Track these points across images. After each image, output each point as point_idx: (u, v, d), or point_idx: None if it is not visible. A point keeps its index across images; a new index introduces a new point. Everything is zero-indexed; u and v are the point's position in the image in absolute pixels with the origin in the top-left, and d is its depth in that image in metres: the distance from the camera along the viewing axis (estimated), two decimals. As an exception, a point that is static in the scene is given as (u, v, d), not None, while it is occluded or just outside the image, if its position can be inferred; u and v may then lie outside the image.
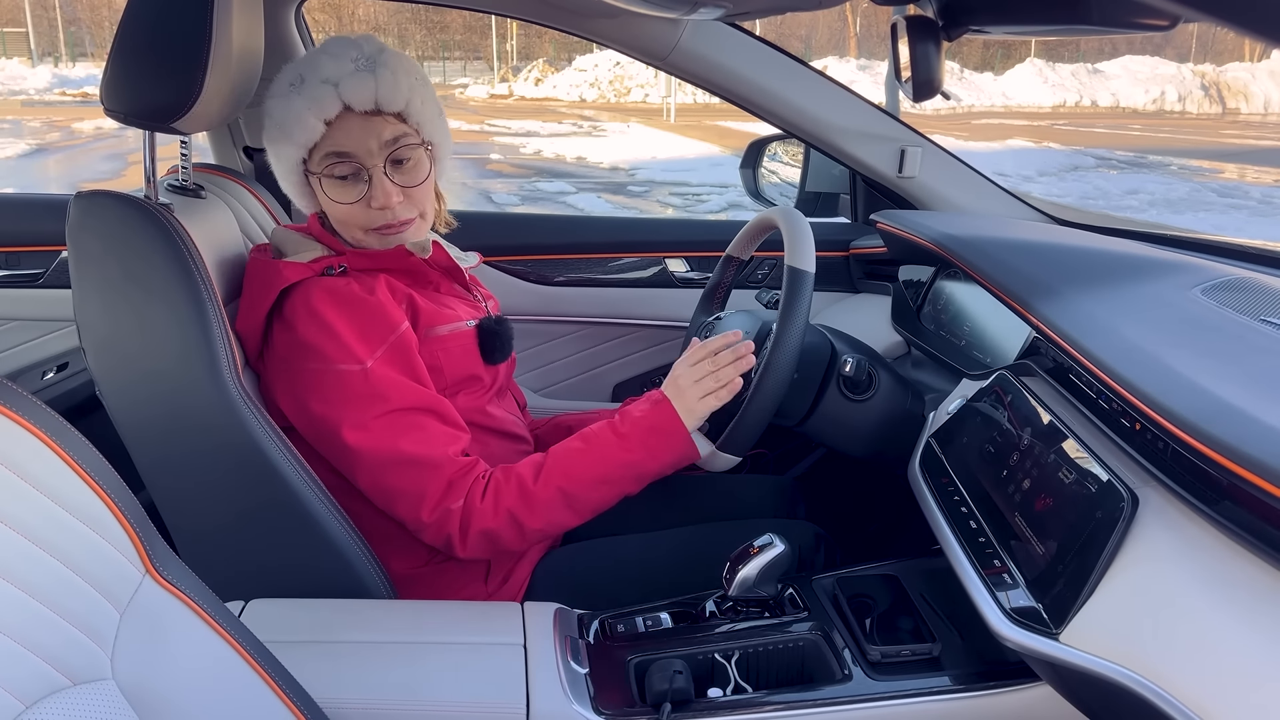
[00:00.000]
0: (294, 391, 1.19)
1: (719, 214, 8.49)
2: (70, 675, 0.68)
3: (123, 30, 1.08)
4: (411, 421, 1.17)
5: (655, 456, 1.22)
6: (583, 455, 1.21)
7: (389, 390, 1.16)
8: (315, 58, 1.20)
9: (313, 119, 1.18)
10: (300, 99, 1.18)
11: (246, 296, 1.22)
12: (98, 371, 1.12)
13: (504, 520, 1.18)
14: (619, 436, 1.22)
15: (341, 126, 1.19)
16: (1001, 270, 1.29)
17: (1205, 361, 0.95)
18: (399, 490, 1.17)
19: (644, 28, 1.64)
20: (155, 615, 0.75)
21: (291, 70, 1.21)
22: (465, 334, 1.29)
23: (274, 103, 1.21)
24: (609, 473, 1.21)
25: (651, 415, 1.23)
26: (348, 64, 1.18)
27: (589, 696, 1.02)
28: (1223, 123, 19.72)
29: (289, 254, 1.26)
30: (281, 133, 1.20)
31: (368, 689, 0.98)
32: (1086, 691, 0.90)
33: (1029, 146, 13.43)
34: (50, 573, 0.67)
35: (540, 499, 1.18)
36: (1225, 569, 0.79)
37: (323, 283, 1.20)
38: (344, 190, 1.22)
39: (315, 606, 1.12)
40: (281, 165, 1.24)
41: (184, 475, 1.14)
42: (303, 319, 1.17)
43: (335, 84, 1.18)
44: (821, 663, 1.08)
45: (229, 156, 1.85)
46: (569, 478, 1.20)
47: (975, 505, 1.10)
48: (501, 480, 1.19)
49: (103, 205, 1.10)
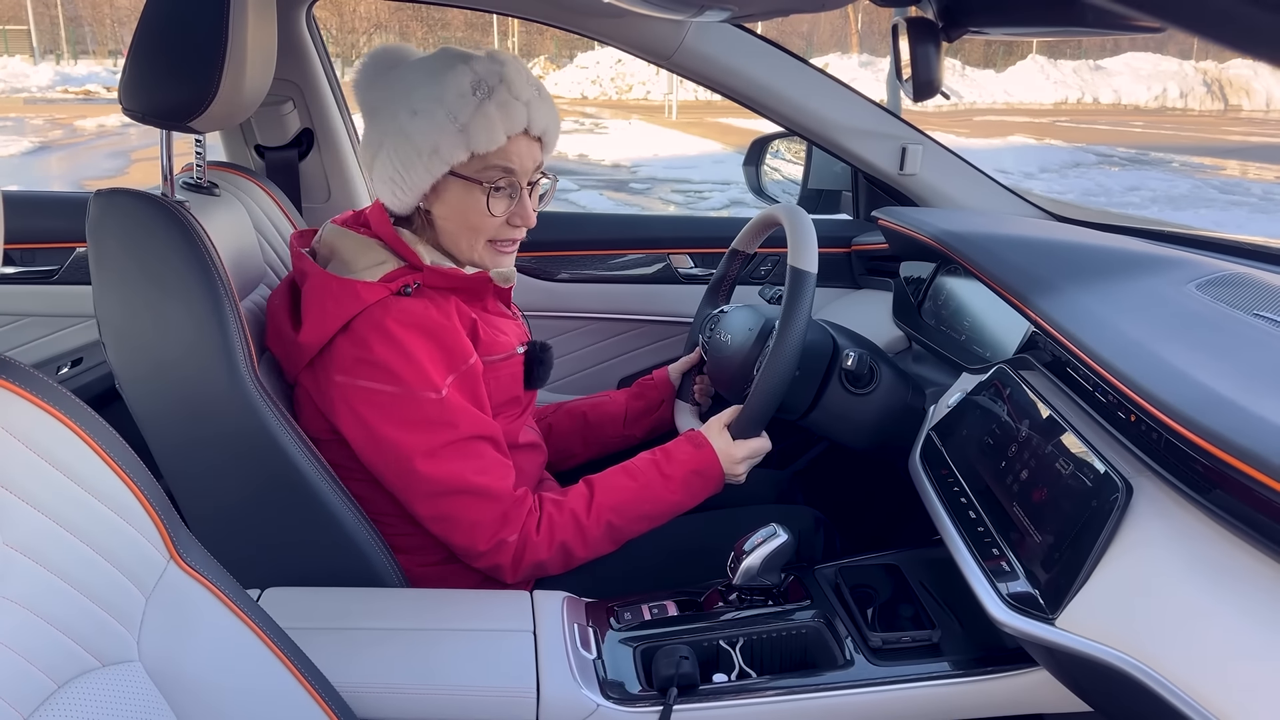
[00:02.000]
0: (356, 409, 1.19)
1: (721, 211, 8.50)
2: (99, 656, 0.70)
3: (141, 31, 1.11)
4: (474, 450, 1.19)
5: (694, 497, 1.30)
6: (631, 493, 1.27)
7: (459, 419, 1.18)
8: (499, 70, 1.20)
9: (501, 131, 1.18)
10: (493, 107, 1.17)
11: (314, 311, 1.21)
12: (116, 364, 1.15)
13: (556, 552, 1.23)
14: (664, 478, 1.28)
15: (515, 144, 1.21)
16: (1000, 266, 1.31)
17: (1199, 355, 0.97)
18: (456, 518, 1.19)
19: (649, 27, 1.67)
20: (180, 599, 0.78)
21: (465, 71, 1.18)
22: (514, 361, 1.31)
23: (456, 100, 1.17)
24: (654, 510, 1.28)
25: (696, 459, 1.29)
26: (530, 87, 1.21)
27: (597, 681, 1.04)
28: (1225, 119, 19.68)
29: (352, 262, 1.23)
30: (459, 131, 1.17)
31: (383, 674, 1.01)
32: (1082, 675, 0.92)
33: (1030, 143, 13.42)
34: (79, 556, 0.70)
35: (592, 533, 1.24)
36: (1216, 556, 0.82)
37: (400, 304, 1.19)
38: (499, 202, 1.23)
39: (331, 594, 1.14)
40: (431, 159, 1.19)
41: (200, 464, 1.17)
42: (379, 340, 1.17)
43: (526, 103, 1.20)
44: (824, 649, 1.11)
45: (241, 154, 1.88)
46: (618, 513, 1.26)
47: (975, 496, 1.12)
48: (555, 514, 1.23)
49: (122, 203, 1.13)
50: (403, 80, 1.21)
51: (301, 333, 1.21)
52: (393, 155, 1.20)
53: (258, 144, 1.87)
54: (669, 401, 1.55)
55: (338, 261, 1.24)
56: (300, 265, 1.26)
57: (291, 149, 1.88)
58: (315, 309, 1.21)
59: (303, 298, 1.24)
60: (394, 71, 1.23)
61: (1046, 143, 13.67)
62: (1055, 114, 19.46)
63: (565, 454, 1.55)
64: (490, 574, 1.24)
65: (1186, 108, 21.51)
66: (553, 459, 1.49)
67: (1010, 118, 17.59)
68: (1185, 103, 21.65)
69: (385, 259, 1.23)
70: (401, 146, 1.19)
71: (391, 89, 1.21)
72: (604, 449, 1.55)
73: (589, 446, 1.55)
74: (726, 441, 1.31)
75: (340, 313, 1.18)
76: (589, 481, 1.29)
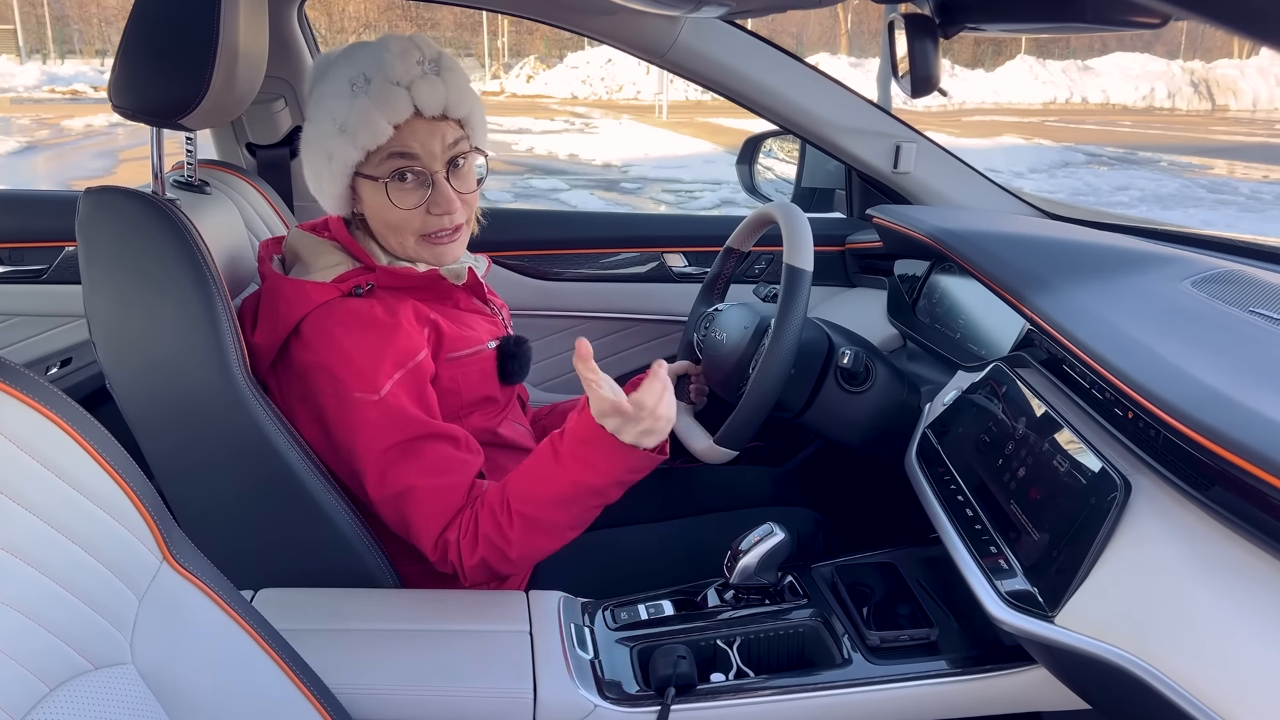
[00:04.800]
0: (309, 410, 1.19)
1: (712, 210, 8.50)
2: (91, 659, 0.69)
3: (131, 28, 1.09)
4: (419, 450, 1.16)
5: (595, 469, 1.10)
6: (531, 478, 1.14)
7: (401, 420, 1.15)
8: (378, 56, 1.15)
9: (383, 121, 1.14)
10: (368, 100, 1.14)
11: (267, 313, 1.20)
12: (107, 363, 1.14)
13: (487, 548, 1.13)
14: (555, 455, 1.12)
15: (409, 129, 1.16)
16: (996, 264, 1.31)
17: (1195, 351, 0.97)
18: (407, 519, 1.16)
19: (642, 25, 1.66)
20: (173, 602, 0.77)
21: (348, 67, 1.16)
22: (485, 356, 1.28)
23: (333, 101, 1.15)
24: (560, 492, 1.12)
25: (577, 427, 1.12)
26: (414, 66, 1.16)
27: (594, 681, 1.04)
28: (1212, 119, 19.79)
29: (311, 264, 1.23)
30: (341, 133, 1.15)
31: (379, 676, 1.00)
32: (1080, 672, 0.92)
33: (1020, 143, 13.48)
34: (71, 558, 0.69)
35: (511, 528, 1.13)
36: (1215, 553, 0.82)
37: (346, 305, 1.17)
38: (406, 194, 1.19)
39: (324, 595, 1.13)
40: (330, 165, 1.18)
41: (192, 464, 1.16)
42: (322, 342, 1.16)
43: (407, 86, 1.15)
44: (821, 648, 1.10)
45: (232, 152, 1.87)
46: (528, 502, 1.12)
47: (971, 494, 1.12)
48: (479, 510, 1.15)
49: (113, 201, 1.12)
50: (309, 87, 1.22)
51: (256, 333, 1.20)
52: (307, 166, 1.22)
53: (249, 142, 1.85)
54: (663, 401, 1.54)
55: (299, 265, 1.24)
56: (262, 270, 1.25)
57: (283, 147, 1.87)
58: (267, 311, 1.20)
59: (260, 300, 1.23)
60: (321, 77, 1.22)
61: (1036, 142, 13.72)
62: (1044, 114, 19.54)
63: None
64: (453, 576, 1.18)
65: (1174, 107, 21.62)
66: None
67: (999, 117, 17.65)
68: (1173, 102, 21.76)
69: (340, 261, 1.23)
70: (310, 157, 1.21)
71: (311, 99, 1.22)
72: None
73: None
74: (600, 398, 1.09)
75: (290, 314, 1.18)
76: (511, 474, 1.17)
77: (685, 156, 11.65)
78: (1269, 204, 9.55)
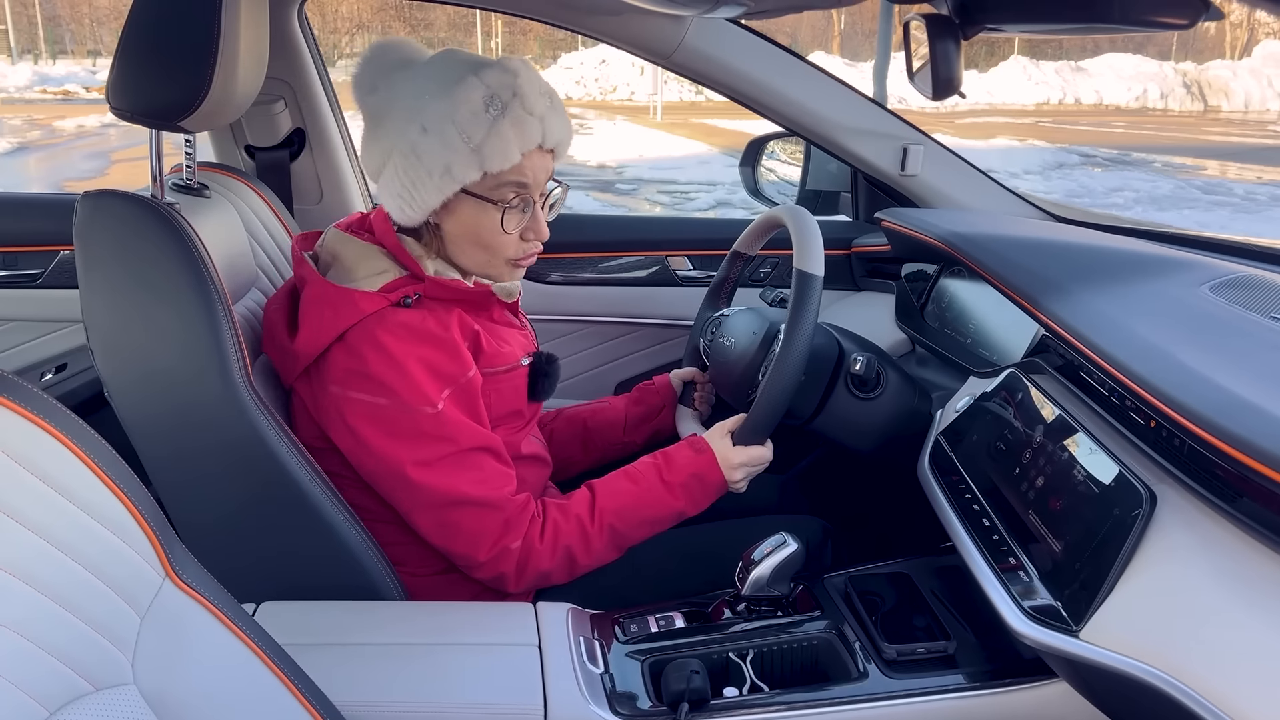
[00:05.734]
0: (349, 421, 1.16)
1: (707, 212, 8.49)
2: (92, 680, 0.67)
3: (129, 29, 1.07)
4: (473, 462, 1.17)
5: (695, 503, 1.27)
6: (632, 497, 1.24)
7: (456, 432, 1.15)
8: (512, 82, 1.14)
9: (516, 149, 1.14)
10: (508, 125, 1.13)
11: (311, 318, 1.17)
12: (105, 371, 1.11)
13: (560, 559, 1.20)
14: (665, 483, 1.25)
15: (529, 160, 1.17)
16: (1009, 268, 1.29)
17: (1219, 358, 0.96)
18: (458, 528, 1.17)
19: (648, 25, 1.64)
20: (175, 619, 0.75)
21: (478, 85, 1.13)
22: (518, 373, 1.27)
23: (468, 119, 1.12)
24: (655, 515, 1.25)
25: (696, 463, 1.27)
26: (543, 99, 1.17)
27: (605, 696, 1.01)
28: (1205, 120, 19.85)
29: (354, 269, 1.20)
30: (472, 152, 1.13)
31: (385, 692, 0.98)
32: (1105, 689, 0.90)
33: (1014, 144, 13.49)
34: (71, 576, 0.67)
35: (595, 539, 1.22)
36: (1246, 566, 0.80)
37: (398, 315, 1.15)
38: (513, 219, 1.19)
39: (328, 609, 1.11)
40: (440, 179, 1.14)
41: (192, 474, 1.13)
42: (374, 353, 1.14)
43: (541, 119, 1.15)
44: (836, 661, 1.08)
45: (230, 155, 1.84)
46: (620, 517, 1.23)
47: (987, 503, 1.10)
48: (559, 519, 1.21)
49: (111, 205, 1.09)
50: (409, 90, 1.15)
51: (297, 340, 1.18)
52: (400, 172, 1.15)
53: (248, 144, 1.83)
54: (670, 407, 1.53)
55: (339, 268, 1.21)
56: (300, 271, 1.23)
57: (283, 149, 1.84)
58: (312, 317, 1.17)
59: (301, 305, 1.20)
60: (398, 74, 1.18)
61: (1030, 144, 13.74)
62: (1038, 114, 19.58)
63: (565, 461, 1.52)
64: (492, 584, 1.21)
65: (1167, 108, 21.69)
66: (554, 465, 1.46)
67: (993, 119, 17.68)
68: (1165, 103, 21.83)
69: (387, 268, 1.20)
70: (410, 164, 1.14)
71: (396, 97, 1.16)
72: (604, 456, 1.52)
73: (589, 453, 1.53)
74: (726, 447, 1.28)
75: (337, 322, 1.15)
76: (591, 486, 1.26)
77: (680, 158, 11.64)
78: (1264, 205, 9.57)
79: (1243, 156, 13.04)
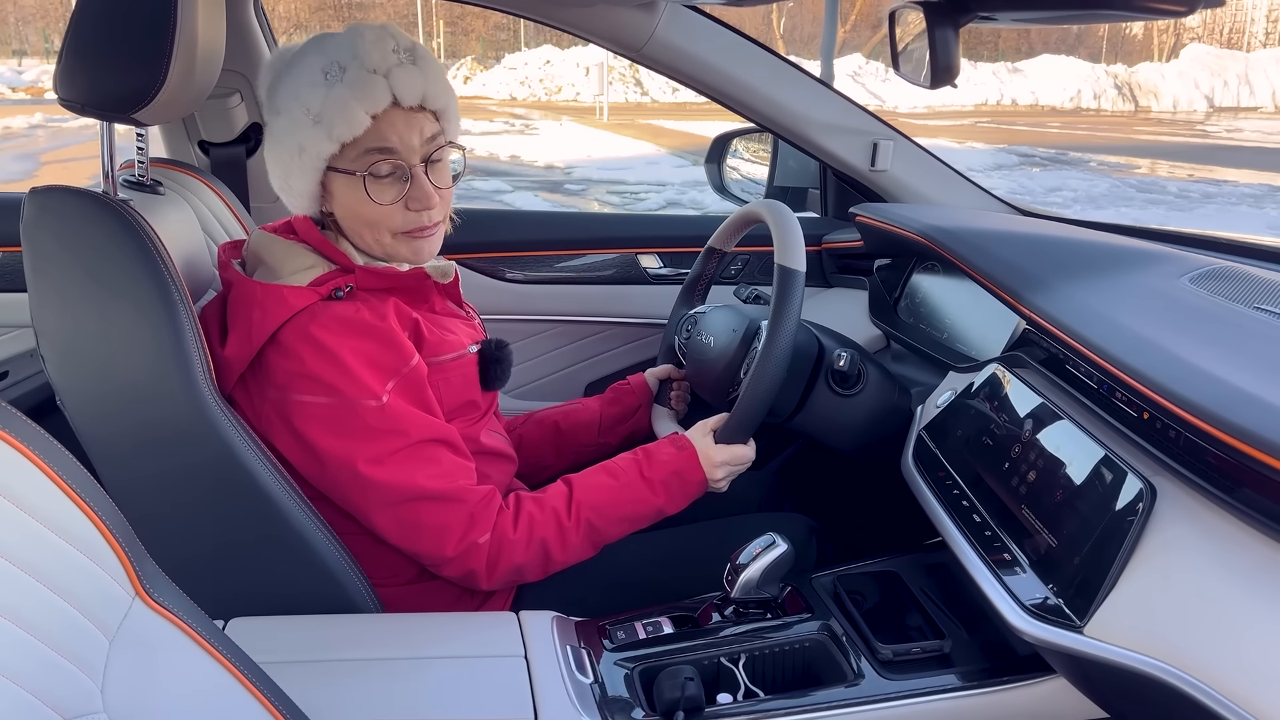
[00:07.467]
0: (294, 425, 1.10)
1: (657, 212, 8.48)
2: (61, 710, 0.62)
3: (80, 16, 1.00)
4: (428, 455, 1.11)
5: (675, 501, 1.24)
6: (611, 492, 1.20)
7: (406, 425, 1.10)
8: (353, 43, 1.10)
9: (360, 111, 1.08)
10: (344, 88, 1.07)
11: (239, 322, 1.12)
12: (59, 381, 1.05)
13: (535, 553, 1.15)
14: (645, 479, 1.22)
15: (387, 121, 1.10)
16: (991, 262, 1.28)
17: (1210, 349, 0.95)
18: (419, 525, 1.11)
19: (619, 18, 1.60)
20: (146, 640, 0.70)
21: (319, 56, 1.10)
22: (467, 361, 1.23)
23: (307, 91, 1.09)
24: (634, 512, 1.21)
25: (677, 460, 1.24)
26: (391, 54, 1.10)
27: (596, 706, 0.98)
28: (1136, 120, 20.40)
29: (279, 268, 1.14)
30: (315, 124, 1.09)
31: (368, 709, 0.93)
32: (1106, 683, 0.89)
33: (953, 146, 13.72)
34: (38, 600, 0.62)
35: (571, 533, 1.17)
36: (1248, 556, 0.79)
37: (331, 309, 1.10)
38: (384, 189, 1.13)
39: (302, 623, 1.06)
40: (301, 159, 1.12)
41: (158, 491, 1.07)
42: (309, 350, 1.08)
43: (385, 75, 1.09)
44: (830, 663, 1.06)
45: (183, 150, 1.76)
46: (598, 512, 1.19)
47: (976, 498, 1.09)
48: (535, 512, 1.16)
49: (61, 201, 1.03)
50: (273, 79, 1.14)
51: (227, 346, 1.12)
52: (274, 163, 1.15)
53: (201, 139, 1.75)
54: (646, 407, 1.49)
55: (264, 268, 1.16)
56: (225, 275, 1.17)
57: (239, 145, 1.77)
58: (241, 319, 1.12)
59: (228, 308, 1.15)
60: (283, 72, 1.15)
61: (968, 145, 13.98)
62: (976, 115, 19.94)
63: (538, 465, 1.48)
64: (463, 582, 1.16)
65: (1100, 109, 22.25)
66: (525, 471, 1.42)
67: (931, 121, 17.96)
68: (1099, 104, 22.40)
69: (314, 263, 1.15)
70: (276, 151, 1.14)
71: (273, 94, 1.14)
72: (578, 458, 1.49)
73: (562, 456, 1.49)
74: (709, 445, 1.26)
75: (266, 322, 1.09)
76: (568, 480, 1.22)
77: (628, 158, 11.63)
78: (1196, 202, 9.85)
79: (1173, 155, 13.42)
